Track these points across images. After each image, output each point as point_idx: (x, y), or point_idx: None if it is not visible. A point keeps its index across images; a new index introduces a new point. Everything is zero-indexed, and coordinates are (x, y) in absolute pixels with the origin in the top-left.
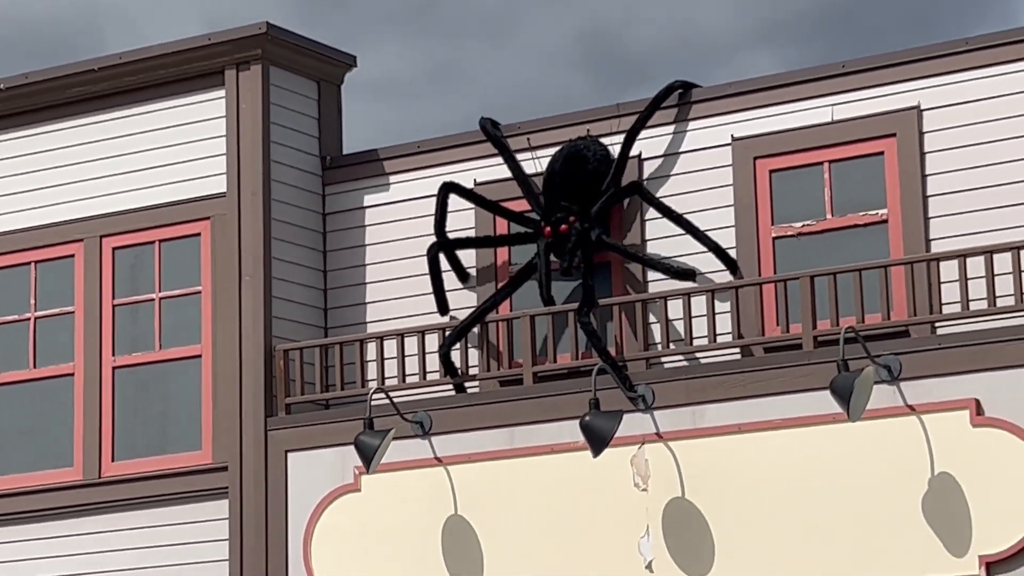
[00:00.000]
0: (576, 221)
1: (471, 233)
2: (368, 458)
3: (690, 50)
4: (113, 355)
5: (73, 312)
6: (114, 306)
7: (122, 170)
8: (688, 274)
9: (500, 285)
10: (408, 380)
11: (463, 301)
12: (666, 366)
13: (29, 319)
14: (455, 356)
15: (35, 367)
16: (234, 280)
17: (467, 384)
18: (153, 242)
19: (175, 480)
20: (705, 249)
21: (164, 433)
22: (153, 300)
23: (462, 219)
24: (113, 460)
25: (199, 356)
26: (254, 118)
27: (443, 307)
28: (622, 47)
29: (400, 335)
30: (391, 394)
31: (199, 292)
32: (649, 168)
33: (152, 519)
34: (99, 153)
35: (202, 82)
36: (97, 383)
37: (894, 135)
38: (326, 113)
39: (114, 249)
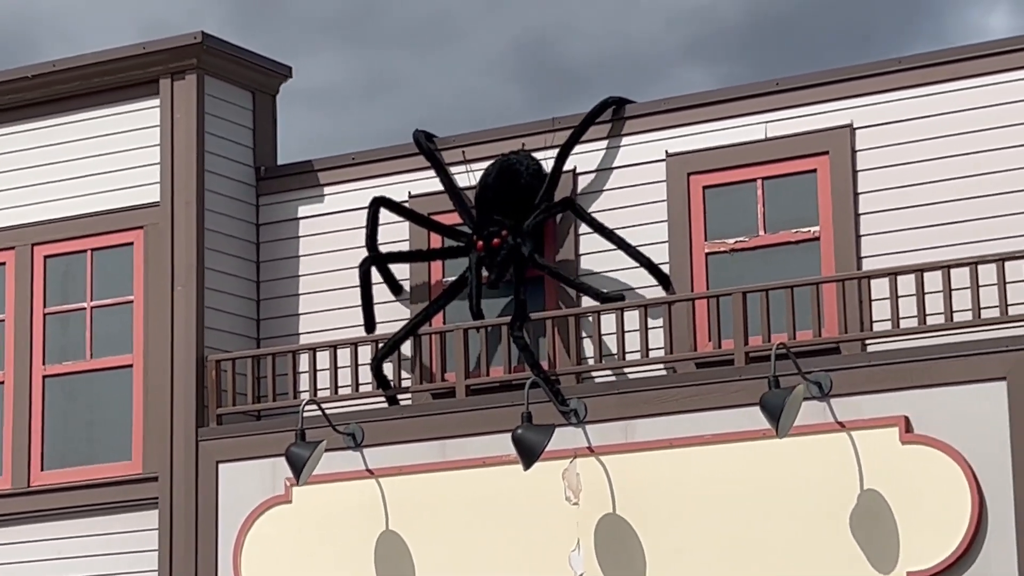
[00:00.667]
0: (508, 235)
1: (405, 245)
2: (299, 469)
3: (625, 63)
4: (43, 364)
5: (3, 320)
6: (45, 315)
7: (55, 178)
8: (613, 298)
9: (433, 298)
10: (340, 392)
11: (395, 314)
12: (598, 381)
13: None
14: (387, 369)
15: None
16: (167, 290)
17: (400, 397)
18: (85, 251)
19: (105, 490)
20: (637, 265)
21: (94, 443)
22: (85, 309)
23: (396, 231)
24: (42, 469)
25: (130, 366)
26: (188, 128)
27: (370, 325)
28: (557, 59)
29: (333, 347)
30: (323, 406)
31: (131, 301)
32: (583, 183)
33: (81, 529)
34: (32, 161)
35: (137, 91)
36: (27, 392)
37: (827, 153)
38: (261, 123)
39: (46, 257)
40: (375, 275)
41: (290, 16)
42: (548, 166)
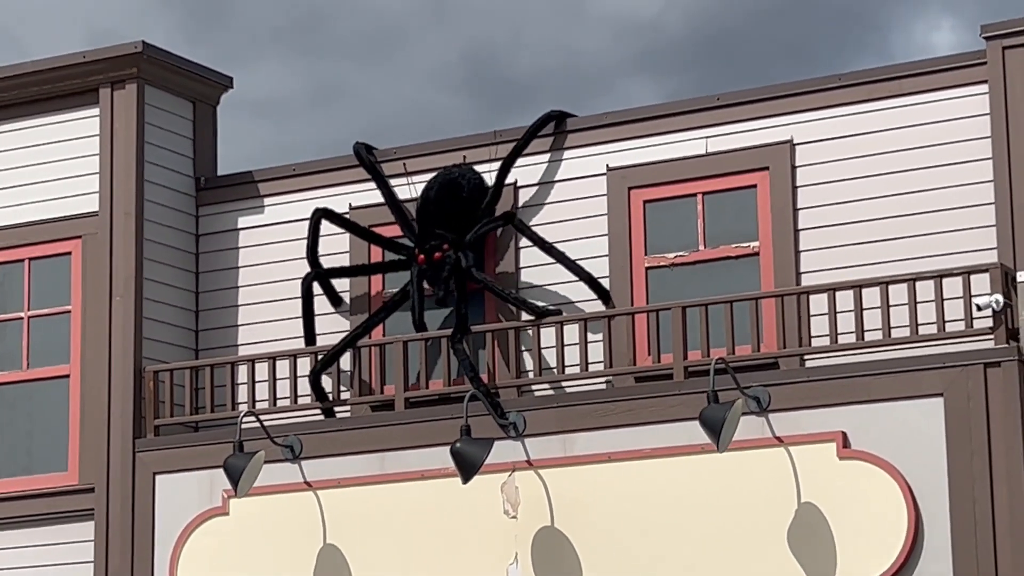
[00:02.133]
0: (450, 249)
1: (345, 257)
2: (237, 481)
3: (571, 76)
4: None
5: None
6: None
7: None
8: (548, 314)
9: (373, 311)
10: (279, 404)
11: (335, 326)
12: (537, 394)
13: None
14: (326, 381)
15: None
16: (105, 300)
17: (338, 409)
18: (23, 260)
19: (40, 501)
20: (577, 279)
21: (30, 453)
22: (22, 318)
23: (336, 243)
24: None
25: (67, 376)
26: (128, 137)
27: (311, 339)
28: (504, 71)
29: (272, 358)
30: (262, 417)
31: (69, 311)
32: (525, 196)
33: (16, 540)
34: None
35: (76, 100)
36: None
37: (767, 168)
38: (201, 133)
39: None
40: (316, 288)
41: (238, 25)
42: (490, 179)
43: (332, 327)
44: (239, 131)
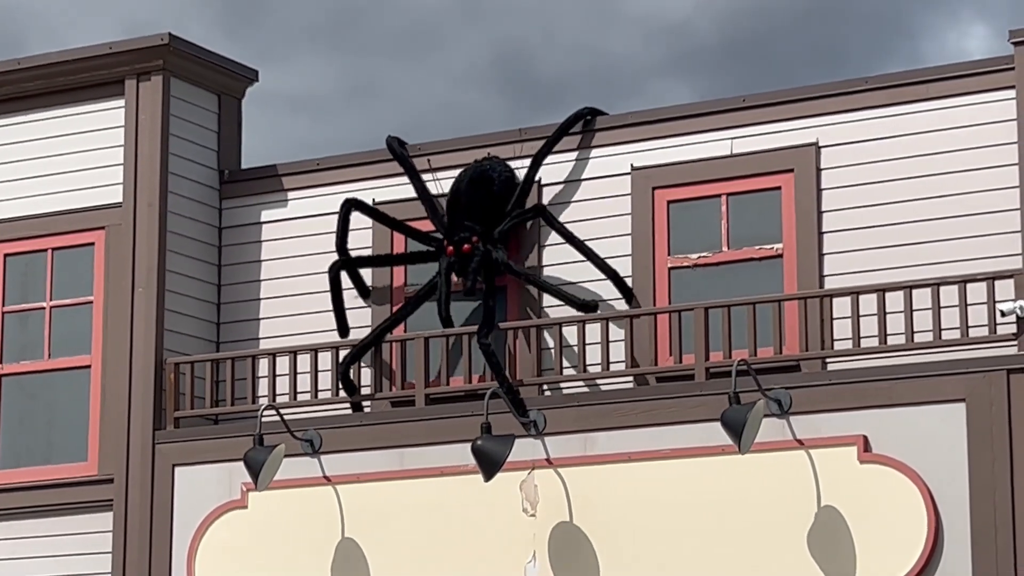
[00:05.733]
0: (479, 242)
1: (368, 252)
2: (256, 474)
3: (602, 77)
4: (1, 363)
5: None
6: (3, 313)
7: (17, 176)
8: (590, 306)
9: (400, 304)
10: (299, 398)
11: (359, 320)
12: (559, 392)
13: None
14: (351, 375)
15: None
16: (127, 291)
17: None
18: (46, 250)
19: (59, 491)
20: (603, 276)
21: (50, 443)
22: (44, 308)
23: (361, 238)
24: None
25: (88, 367)
26: (152, 129)
27: (343, 328)
28: (535, 71)
29: (293, 352)
30: (282, 411)
31: (91, 302)
32: (549, 194)
33: (35, 530)
34: None
35: (102, 91)
36: None
37: (792, 170)
38: (226, 126)
39: (6, 256)
40: (345, 279)
41: (275, 21)
42: (518, 175)
43: (356, 321)
44: (274, 126)
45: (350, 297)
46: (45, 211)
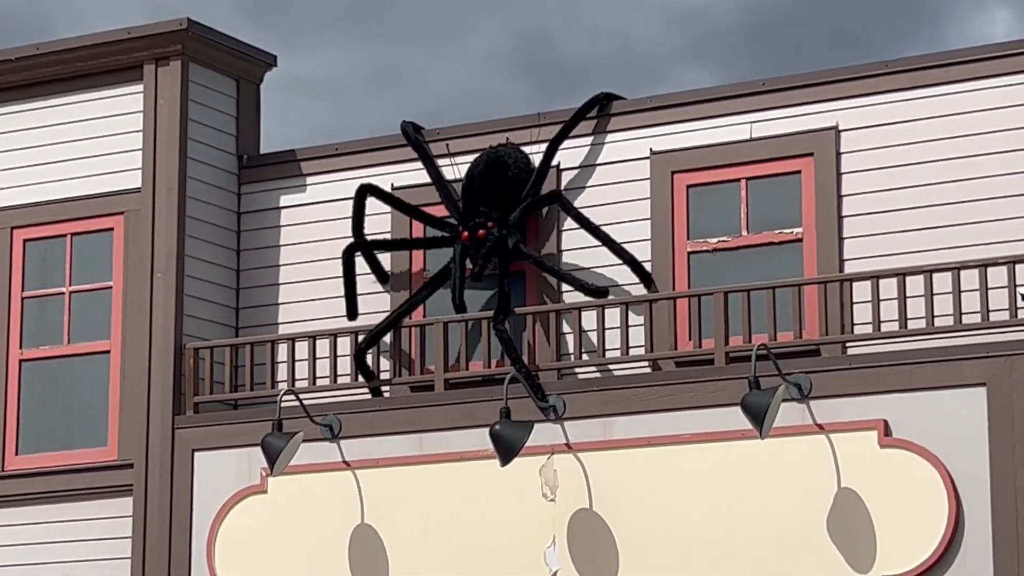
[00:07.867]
0: (494, 227)
1: (386, 237)
2: (274, 460)
3: (625, 63)
4: (20, 348)
5: None
6: (23, 298)
7: (36, 162)
8: (601, 292)
9: (416, 289)
10: (318, 383)
11: (376, 305)
12: (578, 377)
13: None
14: (368, 360)
15: None
16: (146, 276)
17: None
18: (65, 235)
19: (79, 476)
20: (621, 261)
21: (70, 428)
22: (63, 294)
23: (378, 223)
24: (17, 454)
25: (108, 352)
26: (171, 114)
27: (353, 311)
28: (558, 57)
29: (312, 337)
30: (301, 396)
31: (110, 287)
32: (567, 179)
33: (55, 514)
34: (13, 144)
35: (120, 76)
36: (3, 376)
37: (811, 154)
38: (244, 112)
39: (25, 241)
40: (360, 263)
41: (299, 7)
42: (535, 160)
43: (373, 306)
44: (298, 112)
45: (368, 282)
46: (64, 196)
